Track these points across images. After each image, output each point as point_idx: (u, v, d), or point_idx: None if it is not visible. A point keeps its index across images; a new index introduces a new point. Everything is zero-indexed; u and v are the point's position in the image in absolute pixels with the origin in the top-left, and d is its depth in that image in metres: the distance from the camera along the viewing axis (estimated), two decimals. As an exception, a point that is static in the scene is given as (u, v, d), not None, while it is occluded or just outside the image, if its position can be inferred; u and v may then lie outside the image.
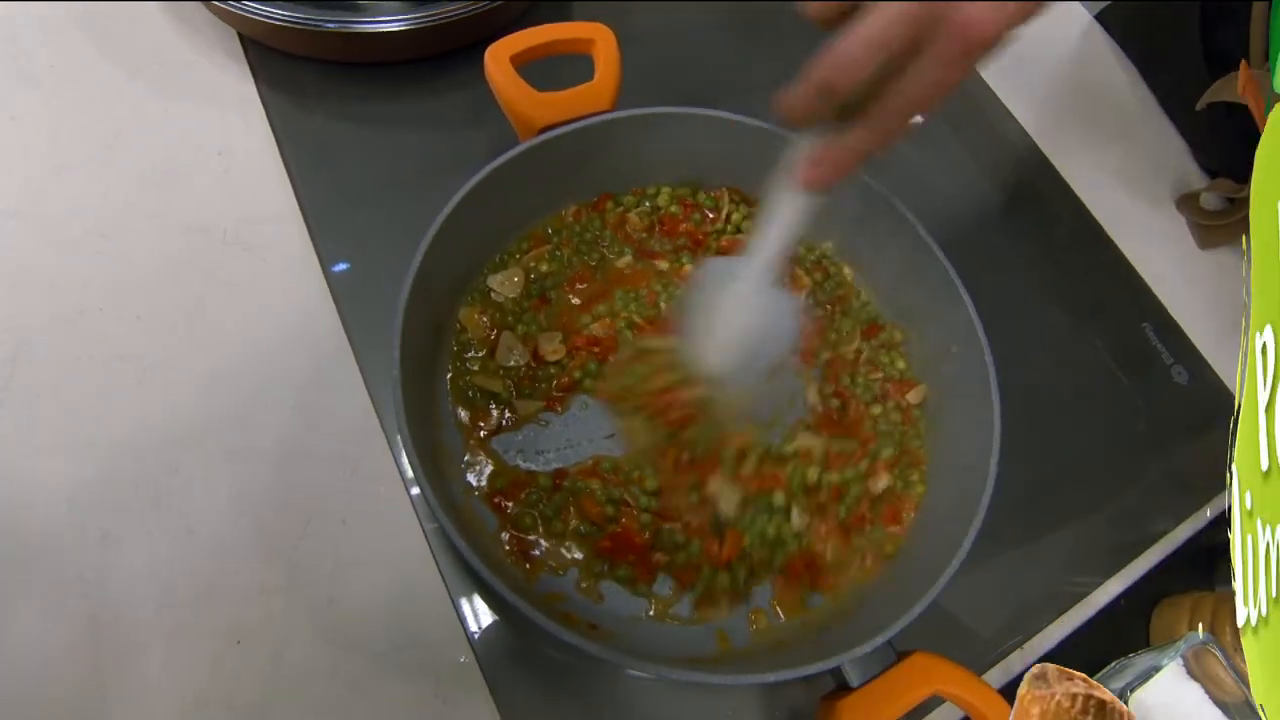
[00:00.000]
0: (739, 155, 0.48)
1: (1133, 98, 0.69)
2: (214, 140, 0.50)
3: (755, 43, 0.62)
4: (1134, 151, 0.66)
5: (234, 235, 0.48)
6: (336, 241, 0.48)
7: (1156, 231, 0.63)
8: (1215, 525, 0.52)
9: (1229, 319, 0.60)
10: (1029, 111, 0.64)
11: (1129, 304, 0.59)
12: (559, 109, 0.44)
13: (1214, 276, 0.62)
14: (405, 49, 0.54)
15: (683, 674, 0.35)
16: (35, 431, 0.41)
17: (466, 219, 0.41)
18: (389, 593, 0.41)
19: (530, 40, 0.45)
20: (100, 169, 0.48)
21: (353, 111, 0.52)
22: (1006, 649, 0.46)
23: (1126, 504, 0.51)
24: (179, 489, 0.41)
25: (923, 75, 0.29)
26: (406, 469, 0.43)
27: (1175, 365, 0.56)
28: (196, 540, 0.40)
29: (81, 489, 0.40)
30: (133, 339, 0.44)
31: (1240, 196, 0.60)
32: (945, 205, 0.58)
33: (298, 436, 0.43)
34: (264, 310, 0.46)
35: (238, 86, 0.52)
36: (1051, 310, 0.57)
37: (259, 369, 0.44)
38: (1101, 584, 0.48)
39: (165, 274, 0.46)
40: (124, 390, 0.43)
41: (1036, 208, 0.61)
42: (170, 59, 0.52)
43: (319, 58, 0.54)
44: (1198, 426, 0.55)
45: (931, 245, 0.46)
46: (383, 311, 0.45)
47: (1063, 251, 0.60)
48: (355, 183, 0.50)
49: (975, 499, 0.40)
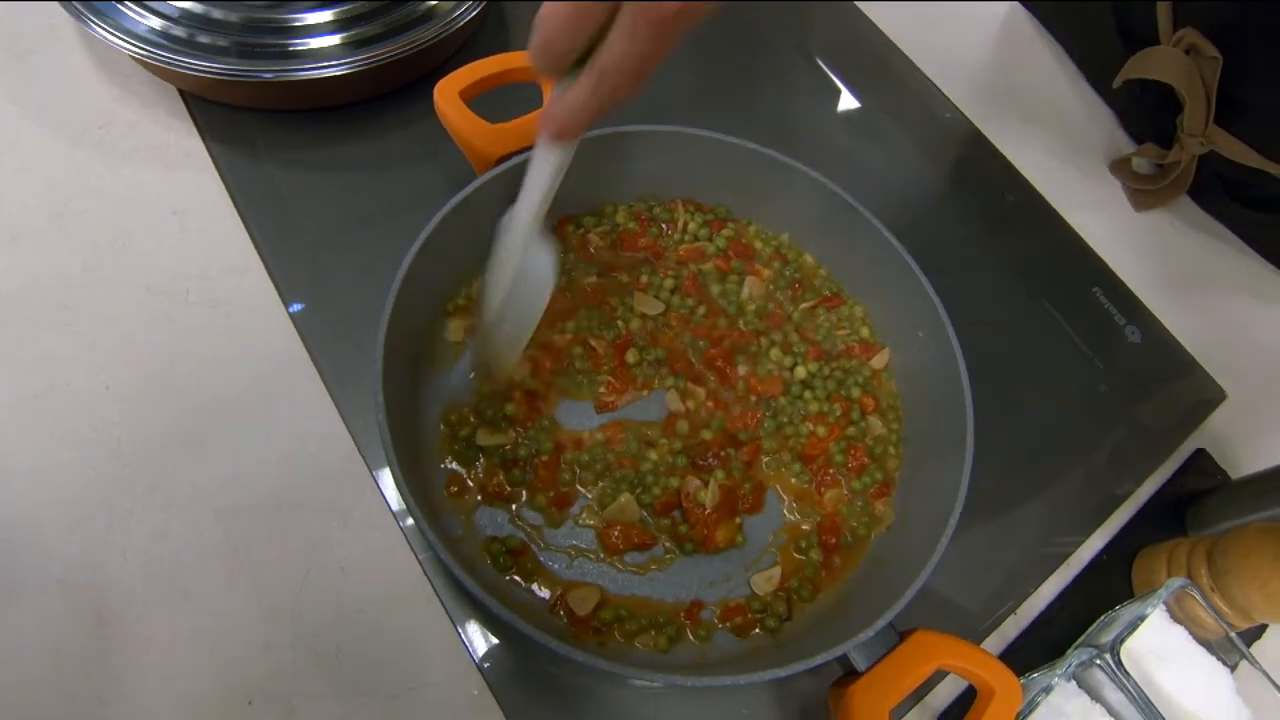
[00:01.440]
0: (690, 165, 0.50)
1: (1060, 75, 0.72)
2: (166, 199, 0.50)
3: (691, 54, 0.63)
4: (1066, 125, 0.69)
5: (198, 293, 0.47)
6: (302, 289, 0.48)
7: (1095, 199, 0.66)
8: (1182, 473, 0.54)
9: (1171, 275, 0.63)
10: (966, 97, 0.66)
11: (1078, 270, 0.61)
12: (512, 139, 0.45)
13: (1152, 237, 0.65)
14: (348, 92, 0.54)
15: (694, 679, 0.36)
16: (18, 511, 0.40)
17: (435, 253, 0.42)
18: (395, 634, 0.41)
19: (478, 73, 0.45)
20: (53, 240, 0.47)
21: (304, 158, 0.52)
22: (1000, 617, 0.47)
23: (1098, 463, 0.53)
24: (169, 556, 0.41)
25: (620, 44, 0.30)
26: (395, 504, 0.43)
27: (1128, 325, 0.59)
28: (193, 603, 0.40)
29: (71, 570, 0.40)
30: (104, 409, 0.43)
31: (1168, 162, 0.63)
32: (899, 195, 0.60)
33: (286, 489, 0.43)
34: (237, 365, 0.46)
35: (184, 143, 0.52)
36: (1007, 284, 0.59)
37: (238, 425, 0.44)
38: (1083, 542, 0.50)
39: (131, 340, 0.45)
40: (101, 462, 0.42)
41: (983, 187, 0.64)
42: (111, 121, 0.52)
43: (263, 108, 0.53)
44: (1155, 380, 0.57)
45: (891, 240, 0.47)
46: (357, 354, 0.46)
47: (1011, 226, 0.62)
48: (315, 228, 0.50)
49: (956, 476, 0.41)
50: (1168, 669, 0.42)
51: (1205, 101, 0.57)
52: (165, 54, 0.48)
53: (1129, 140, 0.69)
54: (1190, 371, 0.59)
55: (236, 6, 0.51)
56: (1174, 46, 0.58)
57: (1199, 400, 0.57)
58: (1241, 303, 0.63)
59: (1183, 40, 0.57)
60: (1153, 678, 0.42)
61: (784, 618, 0.42)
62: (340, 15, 0.52)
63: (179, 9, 0.50)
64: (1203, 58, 0.57)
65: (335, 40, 0.51)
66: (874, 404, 0.48)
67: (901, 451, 0.47)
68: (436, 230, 0.42)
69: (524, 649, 0.41)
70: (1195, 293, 0.63)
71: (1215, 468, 0.55)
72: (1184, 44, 0.57)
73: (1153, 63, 0.59)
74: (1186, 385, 0.58)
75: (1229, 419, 0.57)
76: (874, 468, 0.46)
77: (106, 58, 0.54)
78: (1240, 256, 0.66)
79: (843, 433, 0.47)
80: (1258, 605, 0.43)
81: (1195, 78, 0.57)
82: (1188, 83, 0.57)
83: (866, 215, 0.47)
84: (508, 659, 0.41)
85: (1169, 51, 0.58)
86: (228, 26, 0.50)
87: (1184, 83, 0.58)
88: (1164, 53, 0.58)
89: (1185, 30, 0.57)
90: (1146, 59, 0.60)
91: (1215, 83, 0.56)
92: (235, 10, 0.51)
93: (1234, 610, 0.45)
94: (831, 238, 0.51)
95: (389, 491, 0.43)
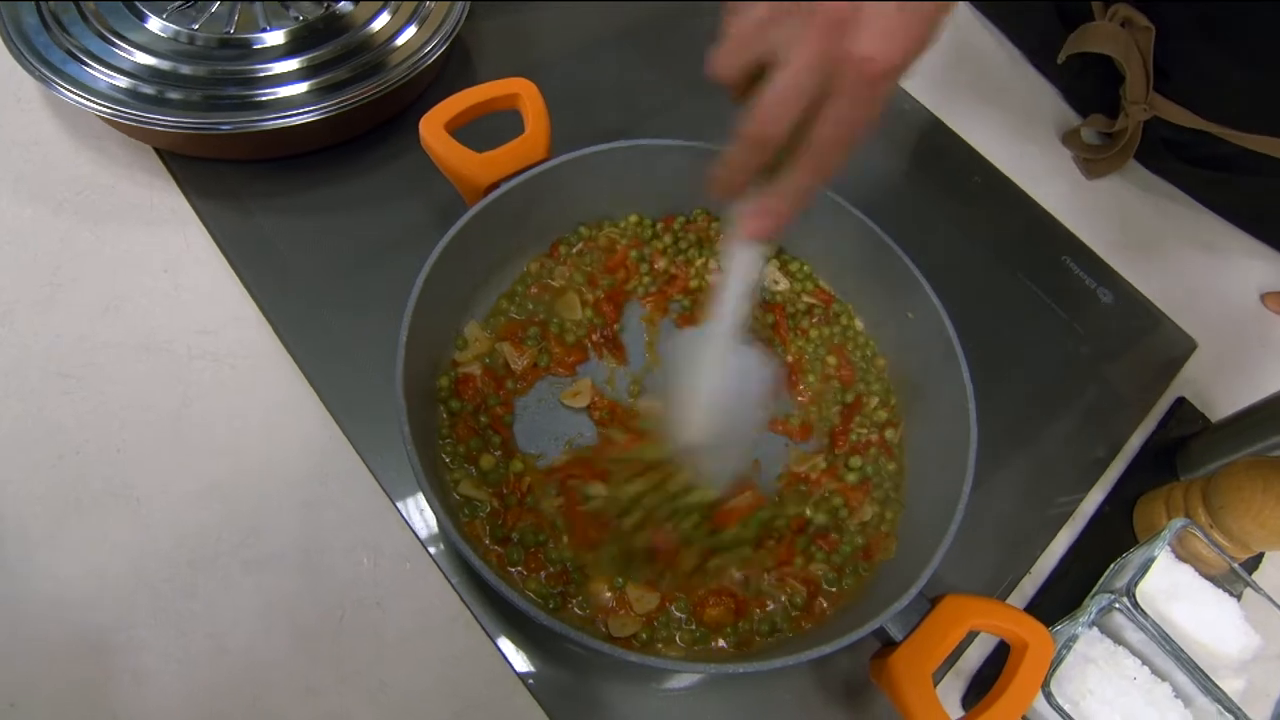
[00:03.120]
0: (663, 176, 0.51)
1: (1005, 60, 0.76)
2: (155, 258, 0.50)
3: (655, 67, 0.65)
4: (1017, 106, 0.73)
5: (198, 348, 0.47)
6: (303, 332, 0.48)
7: (1053, 172, 0.69)
8: (1167, 422, 0.57)
9: (1133, 237, 0.66)
10: (922, 87, 0.69)
11: (1047, 241, 0.64)
12: (500, 166, 0.46)
13: (1110, 202, 0.68)
14: (324, 137, 0.54)
15: (734, 667, 0.37)
16: (41, 584, 0.40)
17: (440, 280, 0.42)
18: (437, 661, 0.41)
19: (460, 105, 0.46)
20: (46, 309, 0.47)
21: (290, 204, 0.53)
22: (1018, 576, 0.49)
23: (1089, 420, 0.56)
24: (202, 612, 0.40)
25: (839, 114, 0.31)
26: (422, 532, 0.43)
27: (1099, 288, 0.62)
28: (232, 657, 0.40)
29: (103, 633, 0.39)
30: (119, 473, 0.43)
31: (1115, 130, 0.66)
32: (871, 187, 0.62)
33: (312, 533, 0.43)
34: (246, 415, 0.46)
35: (166, 200, 0.52)
36: (984, 262, 0.62)
37: (256, 474, 0.44)
38: (1084, 497, 0.53)
39: (137, 401, 0.45)
40: (122, 526, 0.42)
41: (947, 170, 0.66)
42: (89, 186, 0.52)
43: (242, 158, 0.54)
44: (1131, 338, 0.60)
45: (872, 226, 0.49)
46: (366, 390, 0.46)
47: (979, 205, 0.65)
48: (310, 272, 0.50)
49: (963, 450, 0.43)
50: (1180, 605, 0.45)
51: (1144, 70, 0.61)
52: (136, 112, 0.48)
53: (1076, 116, 0.73)
54: (1162, 326, 0.62)
55: (204, 61, 0.51)
56: (1109, 21, 0.61)
57: (1173, 352, 0.60)
58: (1200, 256, 0.67)
59: (1117, 14, 0.61)
60: (1167, 615, 0.44)
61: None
62: (307, 63, 0.53)
63: (146, 66, 0.50)
64: (1136, 28, 0.60)
65: (304, 88, 0.51)
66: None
67: (902, 432, 0.49)
68: (440, 260, 0.42)
69: (566, 659, 0.42)
70: (1156, 251, 0.66)
71: (1196, 413, 0.57)
72: (1118, 17, 0.61)
73: (1091, 37, 0.63)
74: (1160, 339, 0.61)
75: (1203, 366, 0.60)
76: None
77: (77, 121, 0.54)
78: (1193, 213, 0.69)
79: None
80: (1254, 535, 0.46)
81: (1132, 48, 0.61)
82: (1125, 53, 0.61)
83: (844, 203, 0.49)
84: (550, 671, 0.41)
85: (1105, 26, 0.62)
86: (197, 81, 0.51)
87: (1122, 53, 0.61)
88: (1101, 27, 0.62)
89: (1118, 5, 0.61)
90: (1085, 34, 0.63)
91: (1150, 51, 0.60)
92: (203, 64, 0.51)
93: (1233, 543, 0.47)
94: (814, 239, 0.53)
95: (414, 520, 0.43)
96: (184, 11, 0.53)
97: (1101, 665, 0.42)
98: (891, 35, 0.29)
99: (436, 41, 0.55)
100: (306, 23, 0.54)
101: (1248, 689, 0.44)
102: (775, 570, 0.43)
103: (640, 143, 0.49)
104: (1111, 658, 0.43)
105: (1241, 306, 0.65)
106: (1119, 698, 0.41)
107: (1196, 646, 0.44)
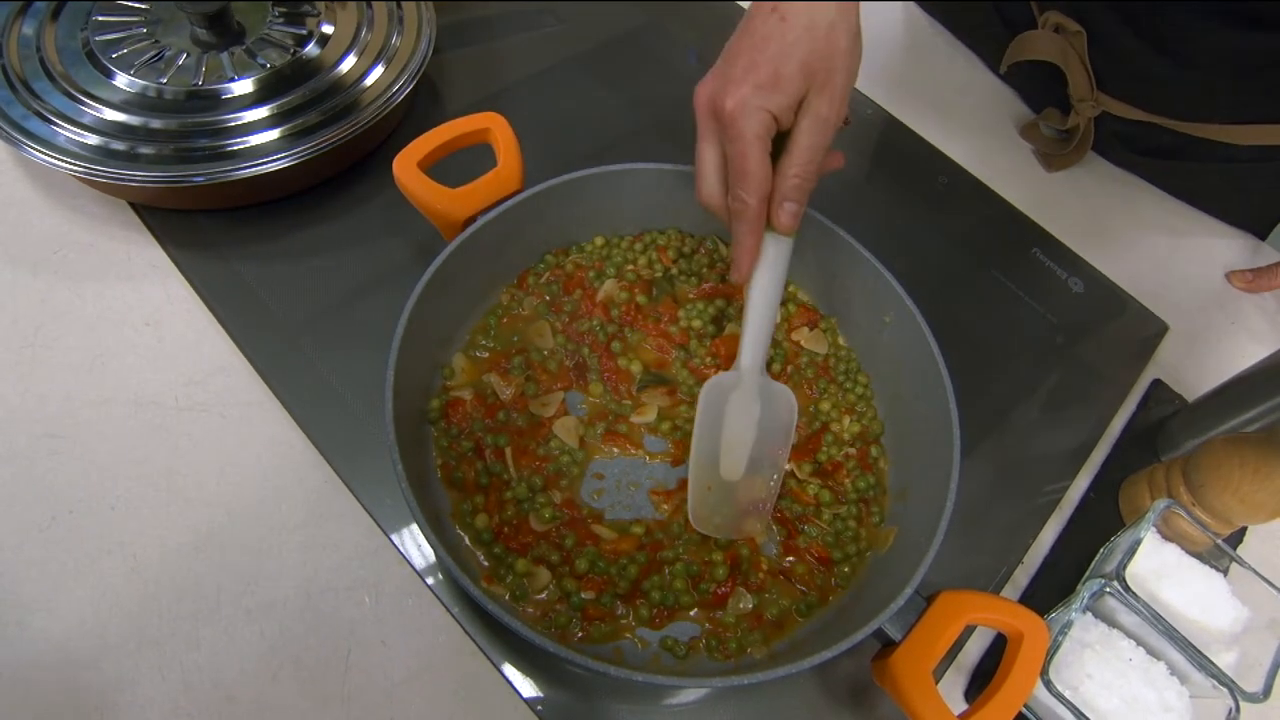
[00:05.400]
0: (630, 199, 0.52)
1: (960, 63, 0.77)
2: (137, 312, 0.50)
3: (618, 89, 0.66)
4: (976, 104, 0.74)
5: (186, 399, 0.47)
6: (290, 376, 0.48)
7: (1015, 166, 0.70)
8: (1145, 405, 0.58)
9: (1098, 226, 0.68)
10: (883, 92, 0.71)
11: (1016, 235, 0.65)
12: (476, 200, 0.46)
13: (1071, 193, 0.70)
14: (298, 181, 0.55)
15: (738, 679, 0.37)
16: (40, 648, 0.40)
17: (423, 316, 0.43)
18: (445, 694, 0.41)
19: (432, 143, 0.47)
20: (29, 371, 0.47)
21: (268, 250, 0.53)
22: (1010, 567, 0.50)
23: (1069, 408, 0.57)
24: (206, 663, 0.40)
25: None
26: (419, 565, 0.43)
27: (1070, 278, 0.63)
28: (240, 706, 0.40)
29: (107, 691, 0.39)
30: (113, 530, 0.43)
31: (1069, 126, 0.68)
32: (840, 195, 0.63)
33: (313, 575, 0.43)
34: (238, 463, 0.46)
35: (144, 254, 0.52)
36: (957, 260, 0.63)
37: (253, 521, 0.44)
38: (1069, 485, 0.54)
39: (127, 456, 0.45)
40: (119, 583, 0.42)
41: (914, 173, 0.68)
42: (66, 244, 0.52)
43: (216, 208, 0.54)
44: (1104, 324, 0.62)
45: (840, 232, 0.50)
46: (356, 429, 0.46)
47: (948, 204, 0.66)
48: (292, 316, 0.51)
49: (947, 449, 0.43)
50: (1169, 585, 0.45)
51: (1084, 71, 0.63)
52: (108, 169, 0.48)
53: (1030, 113, 0.74)
54: (1133, 310, 0.63)
55: (174, 114, 0.52)
56: (1043, 28, 0.64)
57: (1145, 335, 0.62)
58: (1164, 240, 0.69)
59: (1049, 21, 0.63)
60: (1158, 595, 0.45)
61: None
62: (277, 109, 0.53)
63: (115, 123, 0.51)
64: (1069, 33, 0.63)
65: (275, 134, 0.52)
66: None
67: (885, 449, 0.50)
68: (422, 296, 0.43)
69: (572, 681, 0.42)
70: (1123, 238, 0.68)
71: (1173, 394, 0.59)
72: (1051, 24, 0.63)
73: (1029, 46, 0.66)
74: (1131, 324, 0.62)
75: (1175, 348, 0.62)
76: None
77: (51, 181, 0.54)
78: (1154, 198, 0.71)
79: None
80: (1235, 510, 0.47)
81: (1069, 51, 0.63)
82: (1063, 57, 0.63)
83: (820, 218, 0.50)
84: (556, 695, 0.41)
85: (1041, 33, 0.64)
86: (168, 134, 0.51)
87: (1060, 58, 0.64)
88: (1037, 35, 0.65)
89: (1050, 12, 0.63)
90: (1023, 43, 0.66)
91: (1085, 53, 0.62)
92: (173, 117, 0.52)
93: (1215, 519, 0.48)
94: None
95: (412, 555, 0.44)
96: (151, 66, 0.53)
97: (1098, 649, 0.43)
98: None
99: (404, 79, 0.56)
100: (274, 69, 0.55)
101: (1240, 661, 0.44)
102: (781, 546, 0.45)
103: (614, 168, 0.50)
104: (1107, 641, 0.43)
105: (1208, 287, 0.67)
106: (1117, 680, 0.42)
107: (1188, 623, 0.45)
